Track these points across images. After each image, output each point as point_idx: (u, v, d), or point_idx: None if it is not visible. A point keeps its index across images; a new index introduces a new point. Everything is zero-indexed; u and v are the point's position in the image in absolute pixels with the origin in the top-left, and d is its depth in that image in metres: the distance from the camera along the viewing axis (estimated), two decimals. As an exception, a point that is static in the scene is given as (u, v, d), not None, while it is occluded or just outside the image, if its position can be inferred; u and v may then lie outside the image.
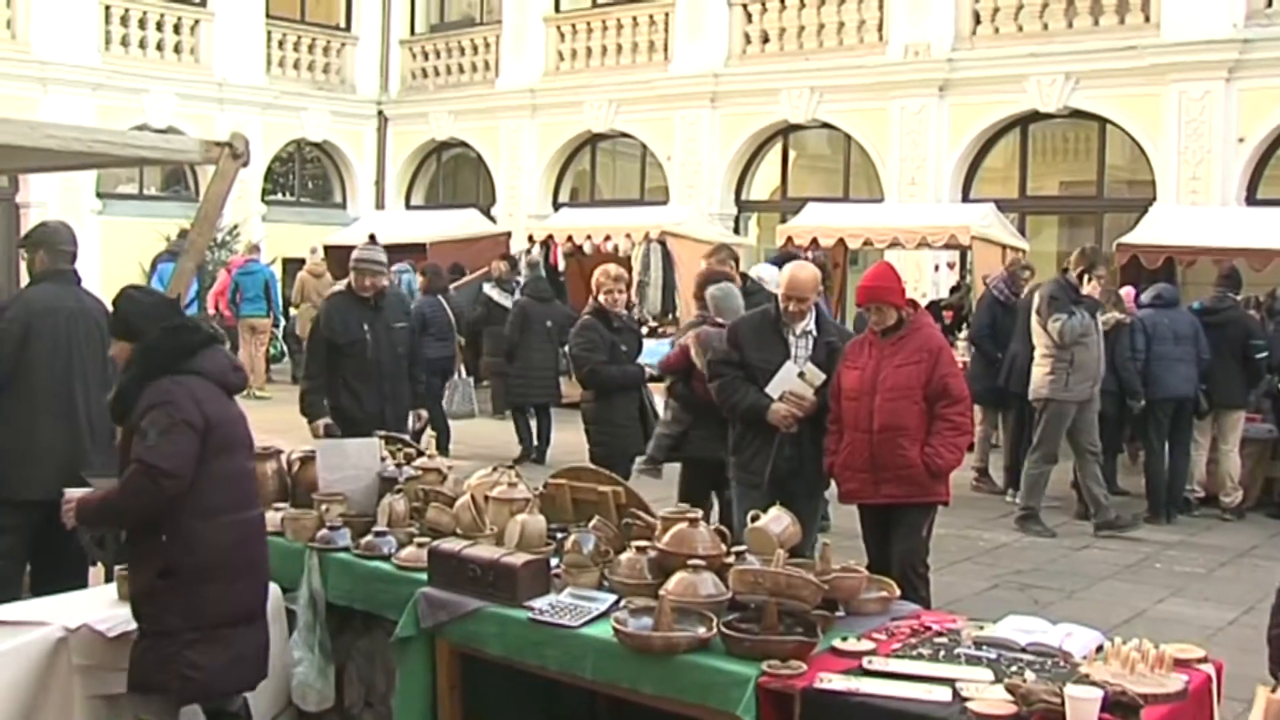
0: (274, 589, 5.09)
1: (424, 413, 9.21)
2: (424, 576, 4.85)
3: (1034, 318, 10.56)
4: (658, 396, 9.06)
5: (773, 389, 6.90)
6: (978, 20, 19.26)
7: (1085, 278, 10.49)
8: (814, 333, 7.10)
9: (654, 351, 10.71)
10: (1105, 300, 11.11)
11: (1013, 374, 11.27)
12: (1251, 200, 17.07)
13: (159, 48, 23.38)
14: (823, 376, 6.95)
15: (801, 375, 6.91)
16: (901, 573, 6.41)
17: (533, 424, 13.81)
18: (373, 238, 10.99)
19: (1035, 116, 19.05)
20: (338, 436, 7.55)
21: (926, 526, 6.91)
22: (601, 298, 8.90)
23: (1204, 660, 4.06)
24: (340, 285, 9.23)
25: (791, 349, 7.03)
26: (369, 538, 5.24)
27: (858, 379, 6.75)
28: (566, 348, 10.26)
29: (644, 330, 17.26)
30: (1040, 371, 10.44)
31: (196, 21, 23.85)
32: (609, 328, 8.81)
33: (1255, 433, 11.89)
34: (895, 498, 6.78)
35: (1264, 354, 11.47)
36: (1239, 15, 16.77)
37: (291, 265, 21.85)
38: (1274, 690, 5.28)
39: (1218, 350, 11.33)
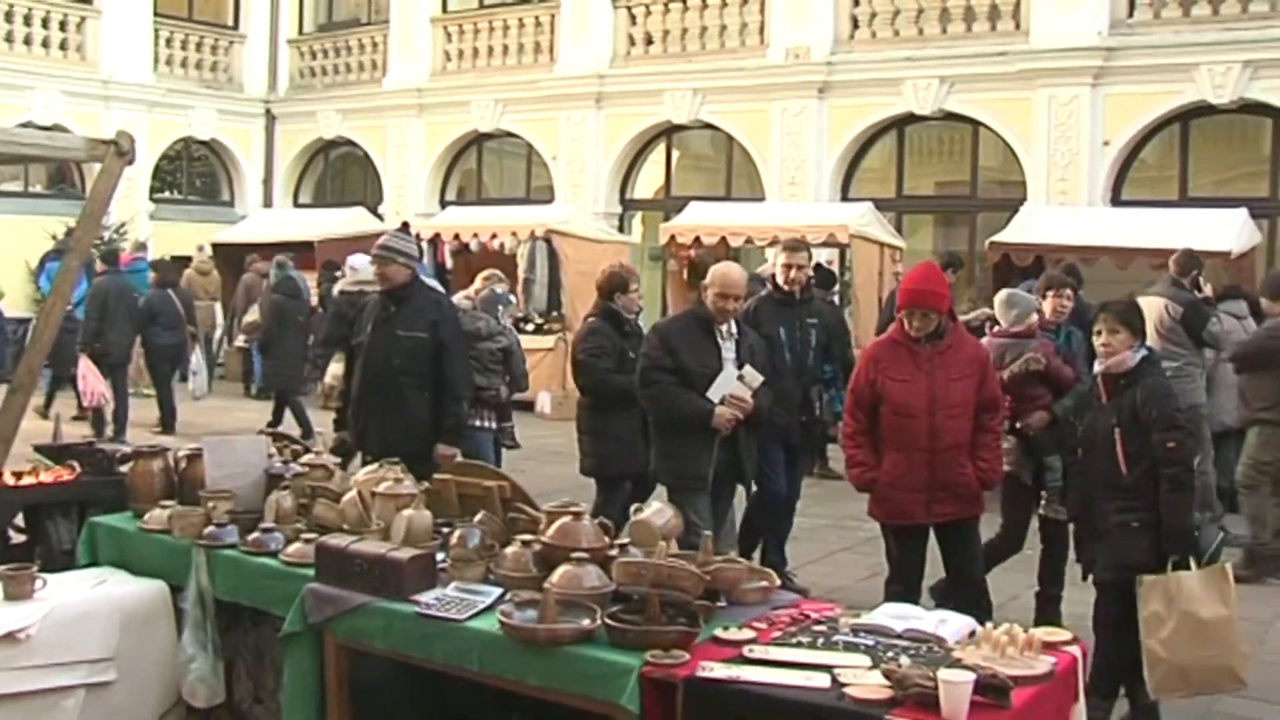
0: (162, 587, 5.06)
1: (449, 450, 7.63)
2: (311, 572, 4.84)
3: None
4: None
5: (714, 393, 6.76)
6: (856, 25, 19.58)
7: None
8: (735, 333, 7.03)
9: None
10: (977, 298, 11.37)
11: None
12: (1116, 201, 17.62)
13: (45, 44, 22.98)
14: (760, 379, 6.90)
15: (741, 378, 6.82)
16: (965, 583, 6.46)
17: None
18: (405, 225, 10.46)
19: (911, 119, 19.42)
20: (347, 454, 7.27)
21: (978, 536, 6.81)
22: (619, 300, 8.36)
23: (1071, 642, 4.18)
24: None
25: (723, 350, 6.92)
26: (256, 534, 5.21)
27: (907, 392, 6.38)
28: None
29: (529, 328, 17.42)
30: None
31: (83, 19, 23.44)
32: (619, 333, 8.24)
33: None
34: (949, 515, 6.51)
35: None
36: (1104, 24, 17.32)
37: (179, 263, 21.46)
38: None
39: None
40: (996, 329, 9.08)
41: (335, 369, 11.76)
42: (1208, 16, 16.89)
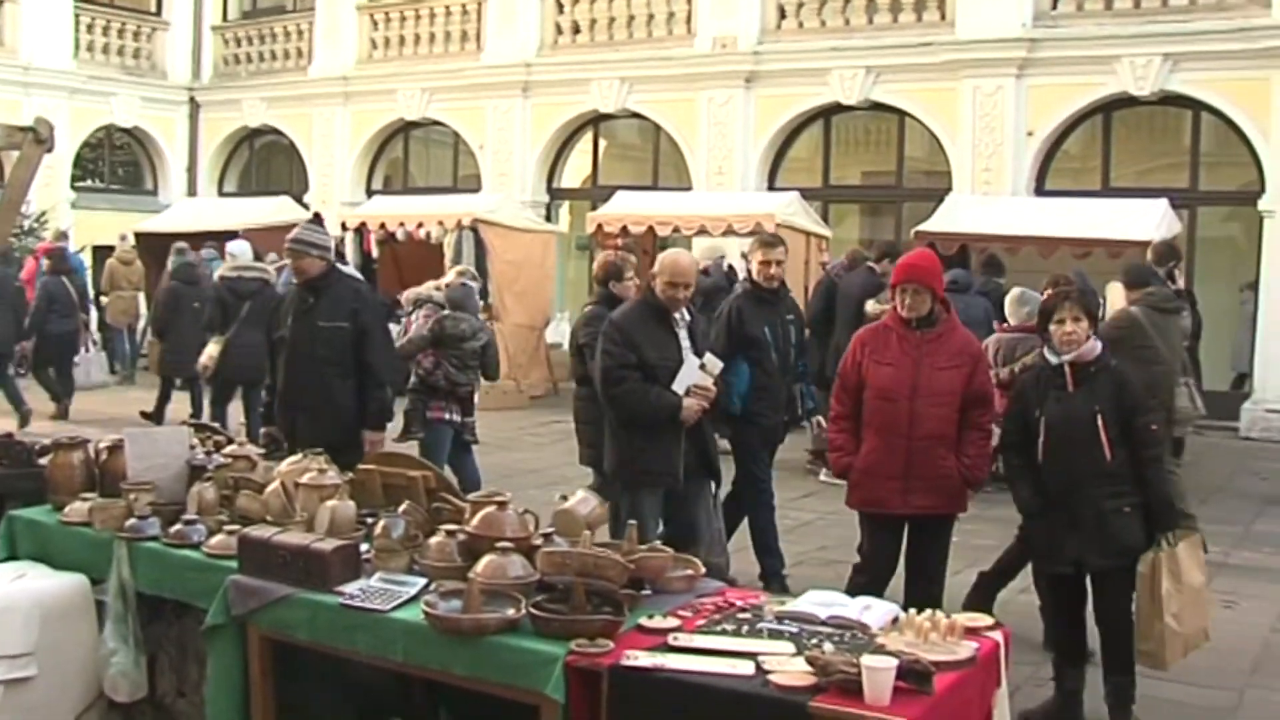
0: (83, 580, 5.00)
1: (376, 436, 7.60)
2: (234, 564, 4.80)
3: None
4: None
5: (679, 385, 6.66)
6: (783, 15, 19.67)
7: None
8: (687, 318, 6.90)
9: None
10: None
11: (837, 360, 11.42)
12: (1040, 191, 17.86)
13: (-39, 31, 22.52)
14: (720, 365, 6.86)
15: (703, 367, 6.75)
16: (924, 585, 6.35)
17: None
18: (317, 216, 10.51)
19: (838, 109, 19.55)
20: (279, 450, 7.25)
21: (949, 535, 6.67)
22: (614, 287, 8.26)
23: (993, 628, 4.22)
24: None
25: (681, 340, 6.80)
26: (178, 526, 5.15)
27: (892, 377, 6.32)
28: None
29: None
30: None
31: (1, 4, 22.99)
32: None
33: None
34: (926, 509, 6.39)
35: None
36: (1028, 16, 17.54)
37: (102, 253, 21.23)
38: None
39: (988, 330, 11.73)
40: (1005, 325, 9.14)
41: (212, 350, 12.17)
42: (1129, 9, 17.15)
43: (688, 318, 6.89)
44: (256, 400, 13.07)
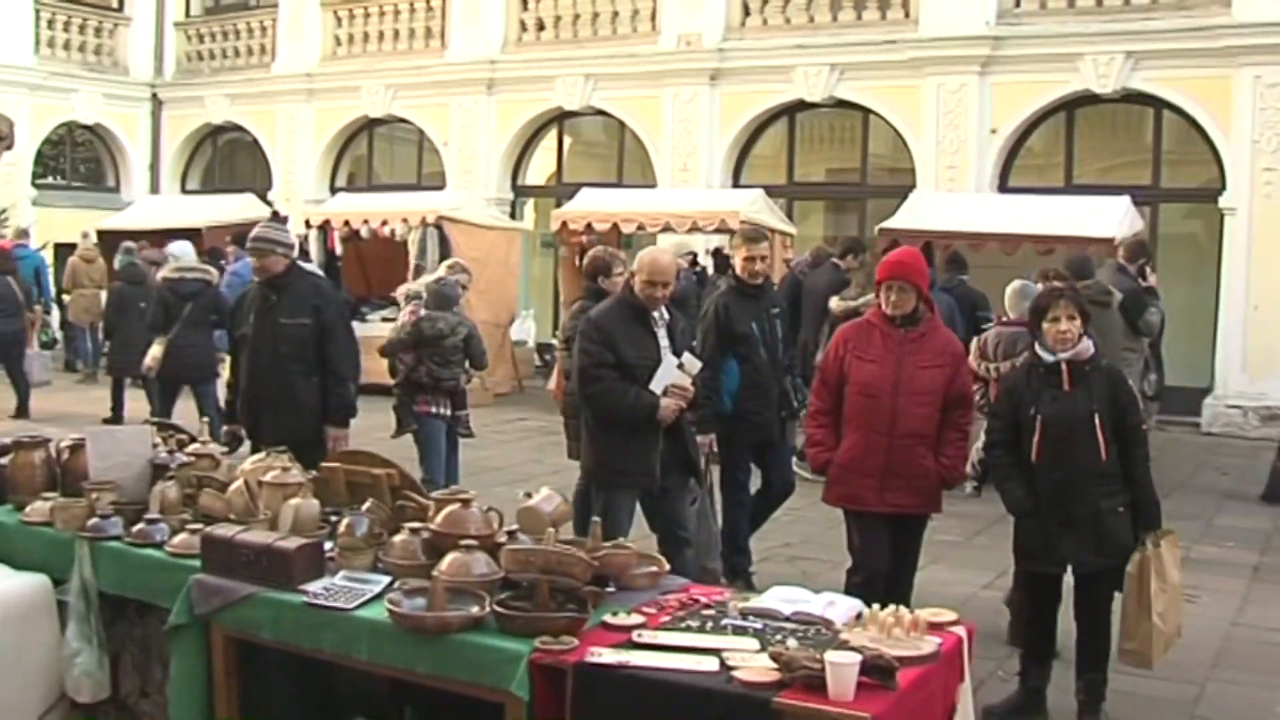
0: (44, 580, 4.96)
1: (339, 432, 7.62)
2: (197, 563, 4.77)
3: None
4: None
5: (656, 385, 6.61)
6: (747, 12, 19.71)
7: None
8: (666, 317, 6.84)
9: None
10: (865, 283, 11.49)
11: (803, 356, 11.44)
12: (1003, 188, 17.97)
13: (-79, 26, 22.32)
14: (699, 365, 6.82)
15: (681, 366, 6.69)
16: (891, 585, 6.27)
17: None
18: (276, 214, 10.54)
19: (802, 106, 19.60)
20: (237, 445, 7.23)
21: (922, 535, 6.71)
22: (603, 282, 8.23)
23: (956, 623, 4.24)
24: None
25: (659, 339, 6.74)
26: (141, 525, 5.11)
27: (875, 374, 6.32)
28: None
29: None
30: None
31: (-41, 1, 22.82)
32: None
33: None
34: (902, 507, 6.41)
35: (991, 324, 11.88)
36: (991, 14, 17.64)
37: (63, 250, 21.04)
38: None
39: (952, 326, 11.72)
40: (1005, 319, 9.12)
41: (155, 351, 12.26)
42: (1092, 7, 17.28)
43: (667, 317, 6.85)
44: (207, 396, 13.11)
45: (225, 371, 12.40)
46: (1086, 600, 6.08)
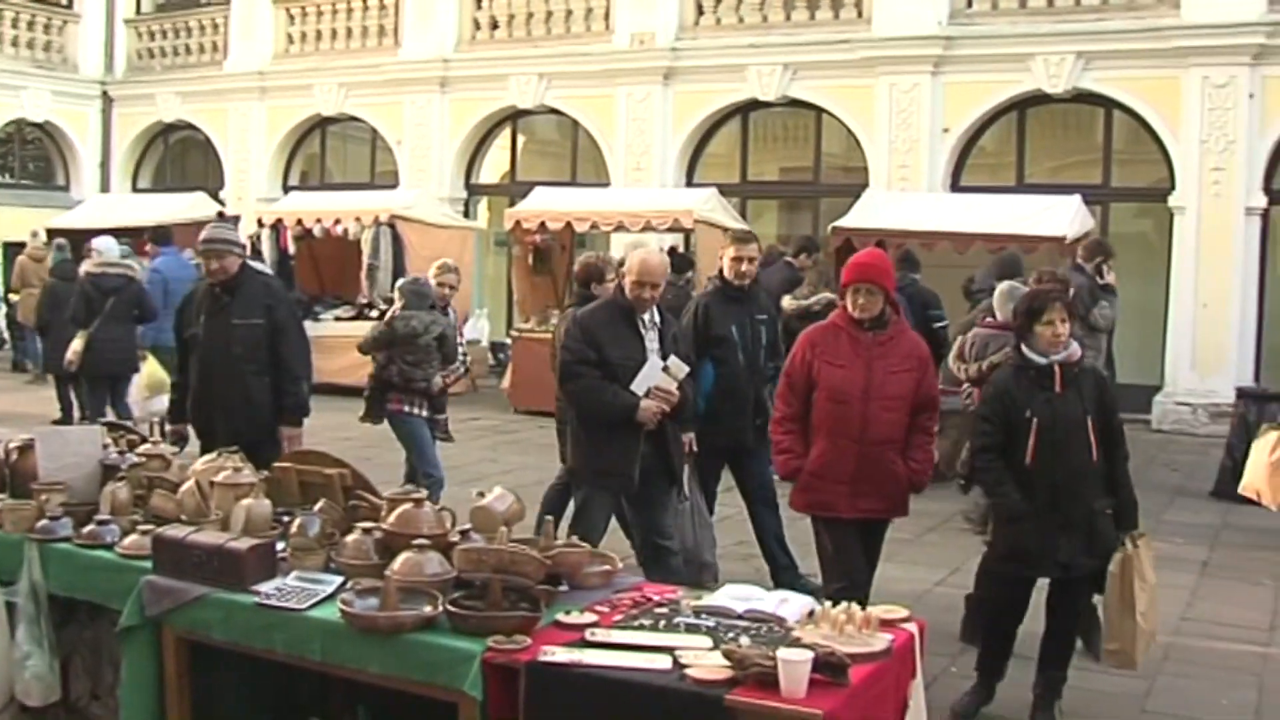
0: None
1: (292, 431, 7.61)
2: (149, 565, 4.74)
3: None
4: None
5: (638, 386, 6.55)
6: (701, 11, 19.75)
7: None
8: (658, 321, 6.79)
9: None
10: (817, 282, 11.53)
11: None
12: (955, 187, 18.08)
13: None
14: (686, 369, 6.74)
15: (666, 369, 6.63)
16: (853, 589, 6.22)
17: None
18: (222, 214, 10.46)
19: (755, 105, 19.66)
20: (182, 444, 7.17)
21: (884, 538, 6.66)
22: (595, 289, 8.22)
23: (908, 620, 4.26)
24: None
25: (646, 341, 6.69)
26: (91, 527, 5.08)
27: (845, 379, 6.22)
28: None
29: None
30: None
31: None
32: None
33: (951, 404, 12.34)
34: (873, 512, 6.38)
35: (943, 324, 11.94)
36: (943, 13, 17.76)
37: (12, 250, 20.86)
38: None
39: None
40: (988, 320, 9.13)
41: (76, 345, 12.28)
42: (1043, 8, 17.42)
43: (659, 320, 6.79)
44: (124, 392, 13.02)
45: (145, 366, 12.47)
46: (1064, 601, 6.11)
